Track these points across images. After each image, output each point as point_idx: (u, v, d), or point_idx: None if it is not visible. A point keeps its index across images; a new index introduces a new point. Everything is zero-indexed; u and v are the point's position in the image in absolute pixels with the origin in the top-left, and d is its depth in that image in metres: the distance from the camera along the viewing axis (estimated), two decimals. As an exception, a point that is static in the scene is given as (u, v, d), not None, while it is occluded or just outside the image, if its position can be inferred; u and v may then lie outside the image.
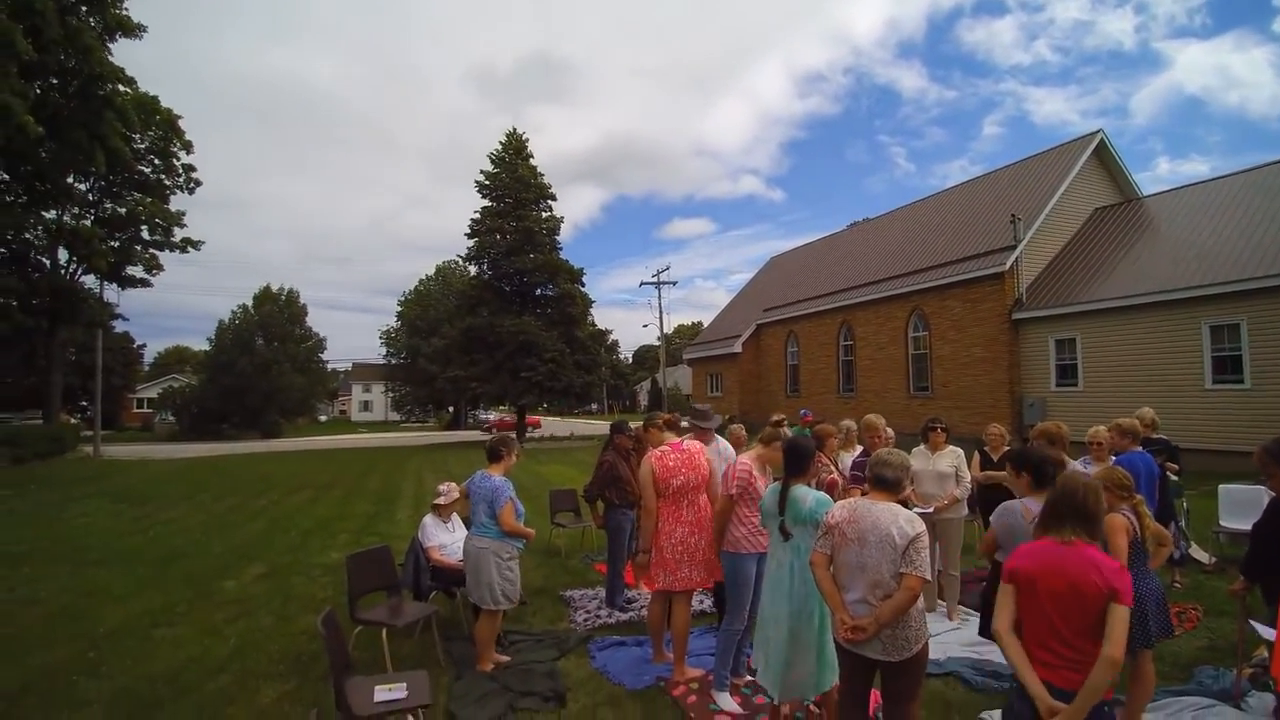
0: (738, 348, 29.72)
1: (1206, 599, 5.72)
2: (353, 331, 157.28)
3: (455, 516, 5.67)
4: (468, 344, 28.09)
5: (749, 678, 4.26)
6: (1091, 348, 16.24)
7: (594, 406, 64.83)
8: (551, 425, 44.06)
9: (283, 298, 50.27)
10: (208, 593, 6.62)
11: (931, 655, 4.63)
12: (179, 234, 27.36)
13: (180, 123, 26.22)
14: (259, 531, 9.86)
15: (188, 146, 26.98)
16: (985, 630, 3.58)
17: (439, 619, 5.11)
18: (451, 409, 53.98)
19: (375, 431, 49.84)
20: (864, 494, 3.08)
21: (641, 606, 5.63)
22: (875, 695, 2.99)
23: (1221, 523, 7.13)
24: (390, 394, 59.86)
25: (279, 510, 11.87)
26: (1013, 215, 18.45)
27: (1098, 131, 19.88)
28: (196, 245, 28.12)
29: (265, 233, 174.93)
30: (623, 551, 5.75)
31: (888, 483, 2.87)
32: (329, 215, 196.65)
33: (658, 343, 39.14)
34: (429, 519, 5.61)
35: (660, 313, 36.61)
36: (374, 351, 58.87)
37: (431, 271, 57.43)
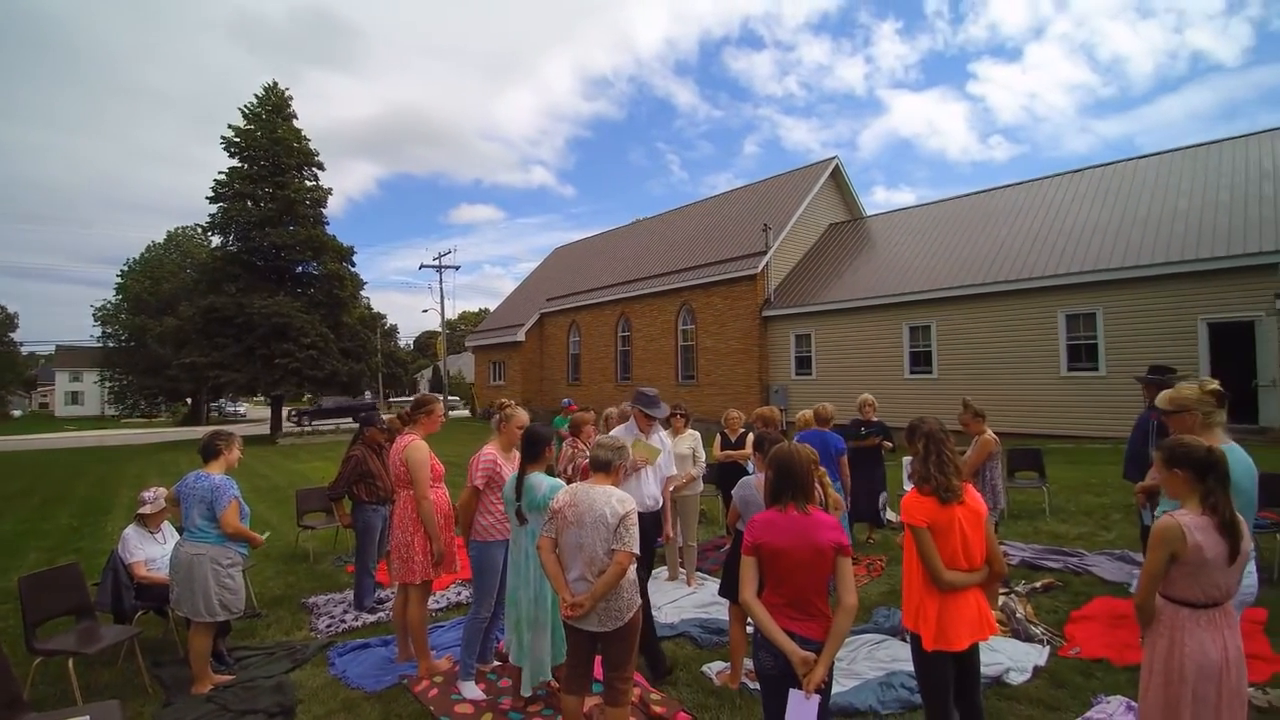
0: (521, 336, 29.66)
1: (891, 551, 6.90)
2: (62, 307, 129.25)
3: (167, 526, 5.00)
4: (209, 325, 24.61)
5: (497, 663, 4.34)
6: (823, 342, 18.86)
7: (368, 396, 60.29)
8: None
9: (-54, 262, 39.77)
10: None
11: (667, 619, 5.13)
12: None
13: None
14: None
15: None
16: (725, 590, 4.01)
17: (147, 642, 4.49)
18: (190, 401, 46.84)
19: (89, 429, 41.66)
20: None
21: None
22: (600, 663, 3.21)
23: (905, 487, 8.65)
24: (108, 384, 50.09)
25: (-68, 529, 9.48)
26: (765, 224, 20.69)
27: (834, 157, 23.05)
28: None
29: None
30: (373, 550, 5.49)
31: (599, 463, 3.11)
32: (41, 164, 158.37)
33: (441, 329, 37.60)
34: (131, 530, 4.89)
35: (442, 298, 35.25)
36: (88, 332, 48.90)
37: (162, 238, 49.25)
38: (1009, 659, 4.14)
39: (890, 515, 8.36)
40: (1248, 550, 2.43)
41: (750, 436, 6.04)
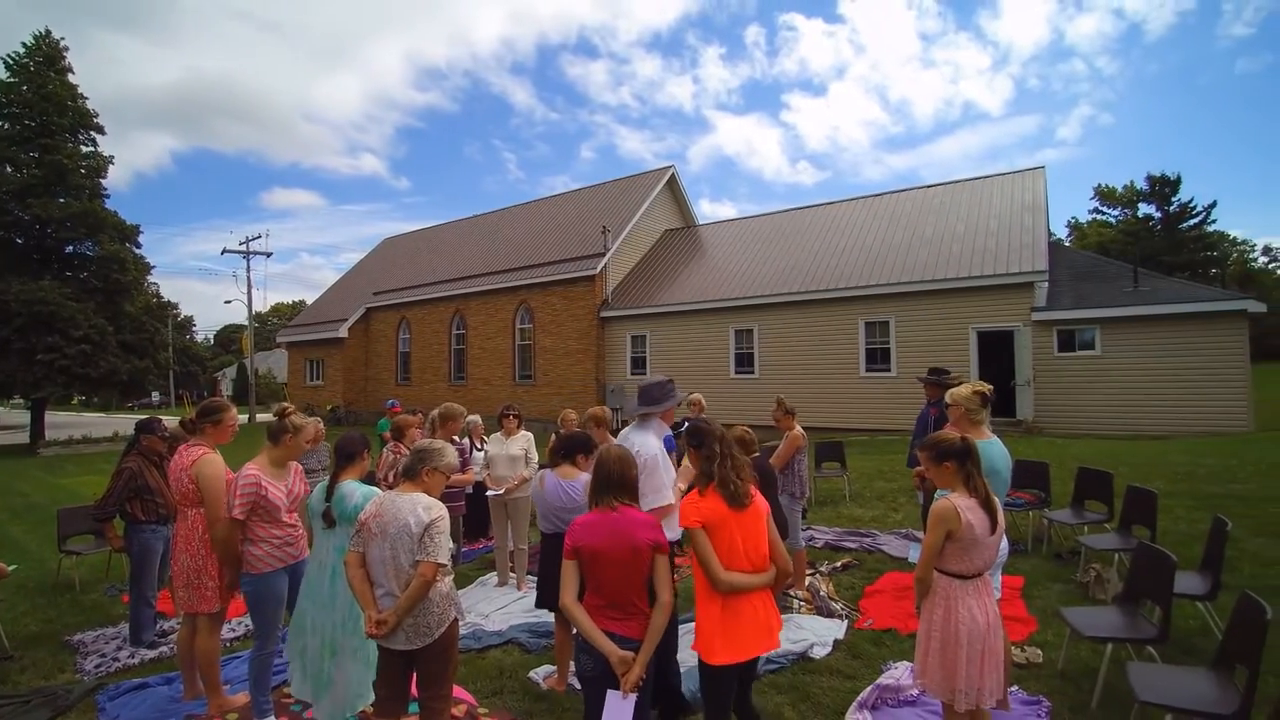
0: (343, 332, 27.55)
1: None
2: None
3: None
4: (-52, 314, 20.35)
5: (302, 689, 3.99)
6: (658, 343, 19.55)
7: (155, 397, 52.98)
8: (91, 423, 34.72)
9: None
10: None
11: (495, 627, 5.03)
12: None
13: None
14: None
15: None
16: (543, 599, 3.93)
17: None
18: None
19: None
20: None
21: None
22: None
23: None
24: None
25: None
26: (604, 227, 21.01)
27: (670, 167, 24.05)
28: None
29: None
30: (152, 576, 4.81)
31: (405, 470, 2.96)
32: None
33: (248, 322, 33.91)
34: None
35: (250, 287, 31.67)
36: None
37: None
38: (814, 635, 4.53)
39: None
40: (1003, 524, 2.85)
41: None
